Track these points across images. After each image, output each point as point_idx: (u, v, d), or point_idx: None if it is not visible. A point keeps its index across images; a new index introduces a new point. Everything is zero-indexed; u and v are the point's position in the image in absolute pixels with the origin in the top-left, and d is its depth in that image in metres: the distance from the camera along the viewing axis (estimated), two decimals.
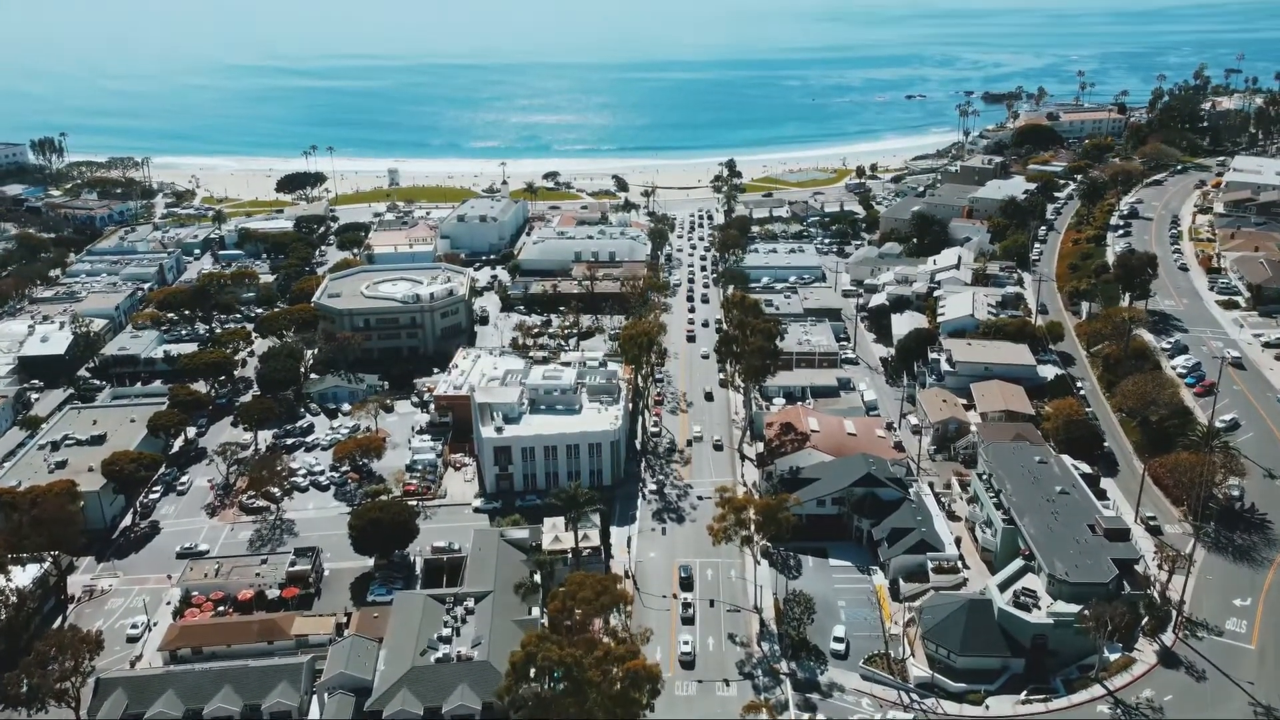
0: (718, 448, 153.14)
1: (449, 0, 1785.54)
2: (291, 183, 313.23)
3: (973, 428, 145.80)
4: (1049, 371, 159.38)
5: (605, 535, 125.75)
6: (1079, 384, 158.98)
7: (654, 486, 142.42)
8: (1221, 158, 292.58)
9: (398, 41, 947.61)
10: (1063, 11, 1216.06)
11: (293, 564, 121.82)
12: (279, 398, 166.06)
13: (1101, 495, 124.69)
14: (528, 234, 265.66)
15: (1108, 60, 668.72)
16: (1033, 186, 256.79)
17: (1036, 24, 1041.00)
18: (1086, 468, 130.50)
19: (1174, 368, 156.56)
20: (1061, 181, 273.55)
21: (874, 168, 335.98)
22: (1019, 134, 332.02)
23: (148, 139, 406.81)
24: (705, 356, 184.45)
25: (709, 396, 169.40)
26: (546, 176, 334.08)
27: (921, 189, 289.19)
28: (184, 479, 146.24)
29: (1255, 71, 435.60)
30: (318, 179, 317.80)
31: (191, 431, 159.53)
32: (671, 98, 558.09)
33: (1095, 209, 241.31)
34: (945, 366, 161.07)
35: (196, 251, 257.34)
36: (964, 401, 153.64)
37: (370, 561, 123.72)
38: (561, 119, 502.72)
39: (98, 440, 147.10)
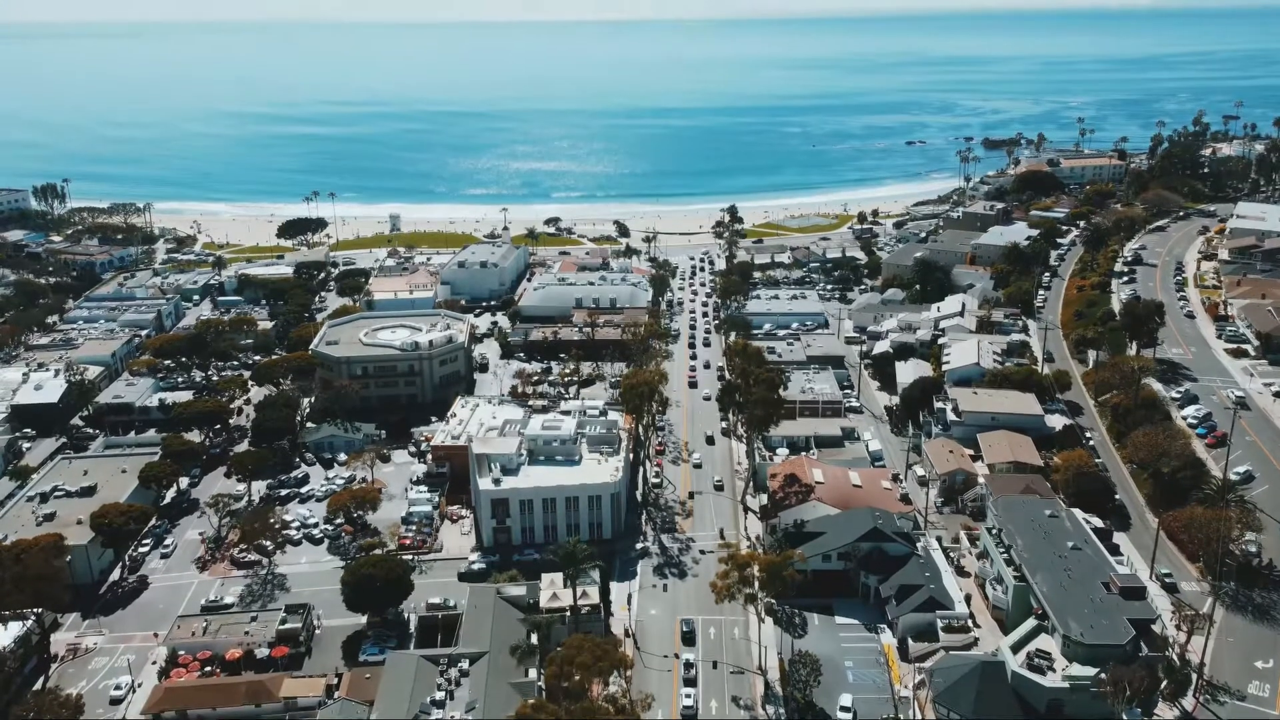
0: (719, 487, 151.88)
1: (450, 49, 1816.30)
2: (293, 228, 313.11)
3: (980, 479, 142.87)
4: (1057, 421, 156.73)
5: (605, 592, 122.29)
6: (1088, 434, 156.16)
7: (655, 540, 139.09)
8: (1224, 204, 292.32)
9: (399, 89, 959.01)
10: (1058, 59, 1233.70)
11: (283, 621, 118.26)
12: (274, 447, 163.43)
13: (1115, 551, 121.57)
14: (529, 280, 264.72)
15: (1105, 107, 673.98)
16: (1035, 233, 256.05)
17: (1032, 71, 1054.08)
18: (1098, 521, 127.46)
19: (1184, 418, 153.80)
20: (1064, 227, 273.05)
21: (875, 213, 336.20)
22: (1020, 180, 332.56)
23: (150, 185, 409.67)
24: (707, 398, 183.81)
25: (710, 440, 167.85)
26: (548, 222, 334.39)
27: (924, 235, 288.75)
28: (169, 541, 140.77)
29: (1253, 118, 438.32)
30: (319, 225, 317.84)
31: (184, 482, 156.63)
32: (672, 144, 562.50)
33: (1099, 255, 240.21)
34: (951, 416, 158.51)
35: (196, 297, 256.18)
36: (971, 452, 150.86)
37: (363, 619, 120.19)
38: (562, 165, 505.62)
39: (88, 491, 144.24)
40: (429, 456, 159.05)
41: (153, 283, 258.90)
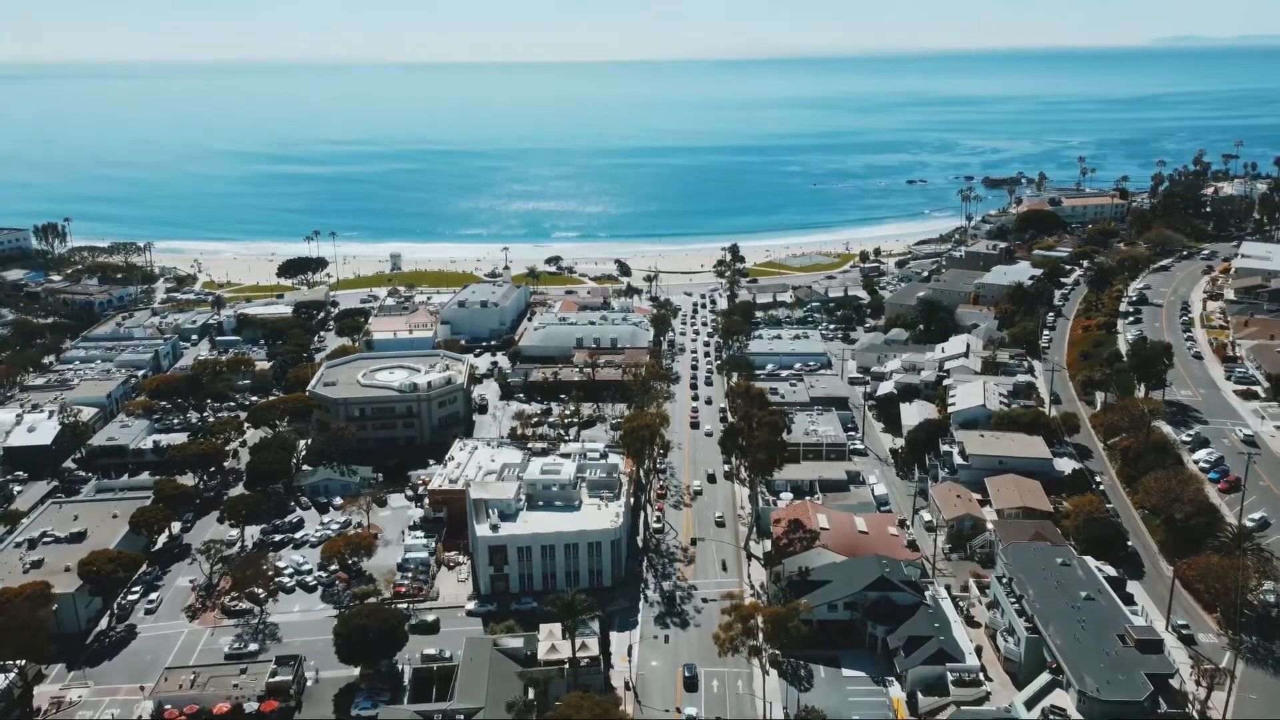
0: (720, 524, 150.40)
1: (453, 90, 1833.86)
2: (293, 268, 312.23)
3: (989, 525, 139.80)
4: (1066, 465, 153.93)
5: (605, 643, 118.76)
6: (1097, 478, 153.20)
7: (656, 588, 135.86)
8: (1227, 243, 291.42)
9: (403, 129, 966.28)
10: (1056, 99, 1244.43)
11: (273, 674, 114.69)
12: (269, 491, 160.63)
13: (1129, 600, 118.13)
14: (529, 319, 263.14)
15: (1104, 146, 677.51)
16: (1039, 272, 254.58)
17: (1031, 110, 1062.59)
18: (1111, 570, 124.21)
19: (1196, 462, 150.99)
20: (1067, 267, 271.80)
21: (877, 252, 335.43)
22: (1022, 219, 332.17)
23: (152, 225, 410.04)
24: (709, 434, 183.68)
25: (711, 478, 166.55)
26: (549, 261, 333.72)
27: (926, 274, 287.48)
28: (154, 597, 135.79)
29: (1252, 157, 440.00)
30: (319, 264, 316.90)
31: (176, 527, 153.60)
32: (673, 183, 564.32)
33: (1103, 295, 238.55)
34: (958, 459, 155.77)
35: (194, 337, 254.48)
36: (978, 497, 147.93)
37: (356, 671, 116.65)
38: (564, 204, 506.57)
39: (77, 538, 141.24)
40: (426, 501, 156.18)
41: (151, 322, 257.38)
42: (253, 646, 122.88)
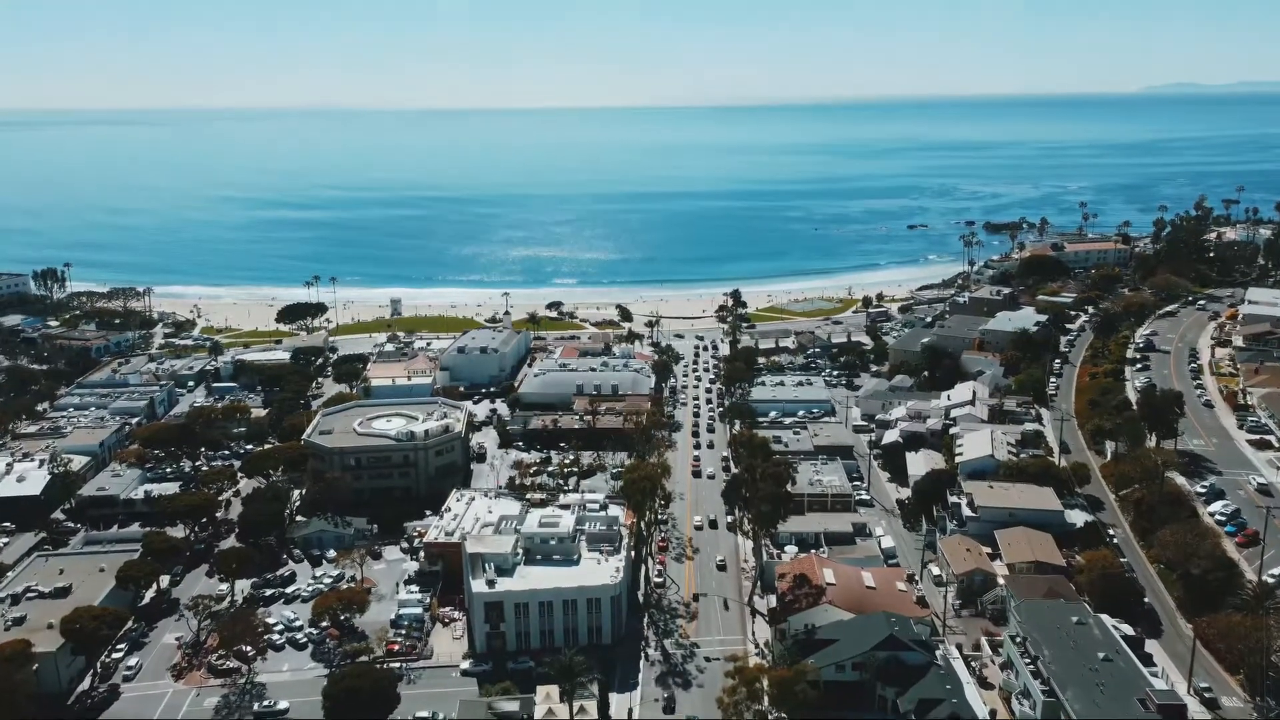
0: (721, 568, 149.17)
1: (455, 136, 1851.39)
2: (292, 313, 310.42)
3: (1000, 580, 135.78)
4: (1078, 517, 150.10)
5: (604, 706, 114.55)
6: (1110, 531, 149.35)
7: (658, 647, 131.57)
8: (1233, 289, 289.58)
9: (404, 174, 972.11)
10: (1054, 144, 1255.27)
11: None
12: (261, 543, 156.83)
13: (1148, 661, 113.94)
14: (529, 365, 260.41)
15: (1104, 191, 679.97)
16: (1043, 318, 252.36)
17: (1029, 156, 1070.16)
18: (1128, 629, 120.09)
19: (1211, 514, 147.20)
20: (1072, 313, 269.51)
21: (880, 297, 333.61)
22: (1025, 265, 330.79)
23: (152, 271, 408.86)
24: (711, 476, 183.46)
25: (713, 524, 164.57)
26: (549, 306, 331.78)
27: (929, 319, 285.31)
28: (132, 662, 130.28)
29: (1252, 202, 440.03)
30: (319, 309, 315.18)
31: (165, 580, 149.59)
32: (675, 228, 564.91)
33: (1110, 342, 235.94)
34: (967, 511, 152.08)
35: (191, 384, 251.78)
36: (988, 550, 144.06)
37: None
38: (565, 249, 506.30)
39: (62, 593, 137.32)
40: (421, 554, 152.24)
41: (147, 369, 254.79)
42: (282, 705, 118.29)
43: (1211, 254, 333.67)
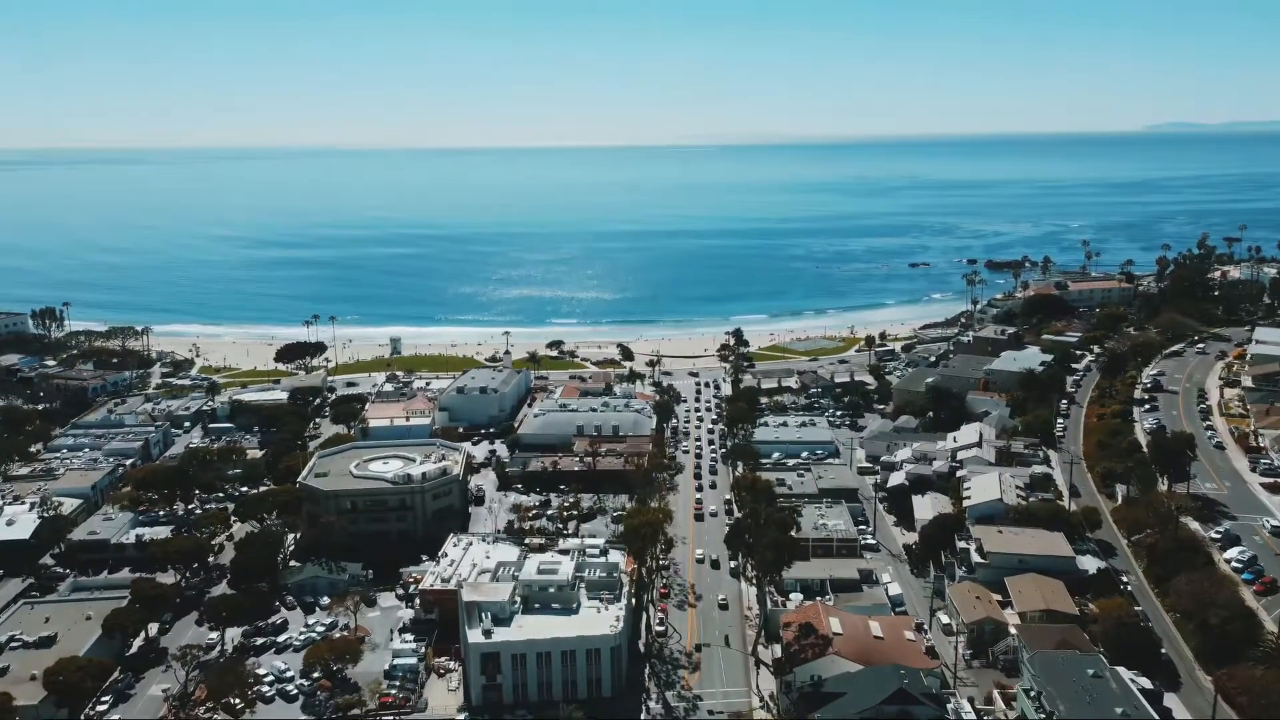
0: (723, 606, 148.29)
1: (457, 174, 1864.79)
2: (291, 352, 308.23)
3: (1012, 629, 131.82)
4: (1090, 564, 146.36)
5: None
6: (1123, 578, 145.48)
7: (659, 700, 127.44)
8: (1238, 328, 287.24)
9: (406, 213, 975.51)
10: (1054, 183, 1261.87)
11: None
12: (252, 590, 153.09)
13: (1167, 716, 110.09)
14: (530, 405, 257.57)
15: (1105, 229, 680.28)
16: (1049, 358, 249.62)
17: (1029, 194, 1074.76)
18: (1146, 681, 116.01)
19: (1228, 561, 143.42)
20: (1078, 352, 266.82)
21: (883, 336, 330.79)
22: (1029, 304, 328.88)
23: (151, 311, 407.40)
24: (714, 514, 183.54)
25: (715, 564, 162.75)
26: (550, 346, 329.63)
27: (933, 358, 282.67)
28: (115, 717, 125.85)
29: (1254, 240, 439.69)
30: (318, 349, 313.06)
31: (154, 628, 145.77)
32: (676, 266, 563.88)
33: (1117, 382, 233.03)
34: (976, 557, 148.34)
35: (187, 424, 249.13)
36: (998, 597, 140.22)
37: None
38: (566, 287, 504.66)
39: (46, 642, 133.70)
40: (417, 601, 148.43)
41: (143, 409, 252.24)
42: None
43: (1217, 293, 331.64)
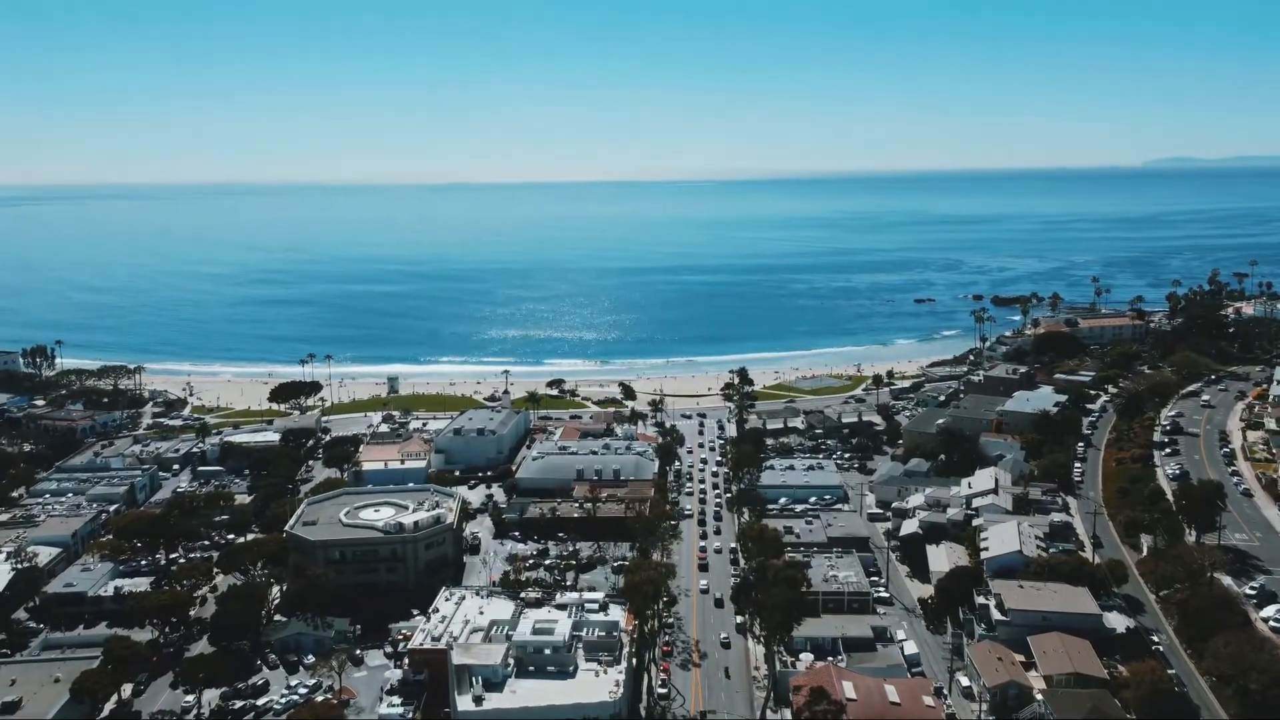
0: (725, 645, 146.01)
1: (458, 210, 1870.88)
2: (285, 392, 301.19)
3: (1037, 695, 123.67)
4: (1118, 621, 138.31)
5: None
6: (1153, 637, 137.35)
7: None
8: (1255, 366, 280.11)
9: (406, 249, 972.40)
10: (1055, 217, 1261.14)
11: None
12: (234, 648, 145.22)
13: None
14: (528, 447, 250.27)
15: (1111, 264, 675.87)
16: (1063, 398, 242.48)
17: (1032, 229, 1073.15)
18: None
19: (1265, 620, 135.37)
20: (1092, 392, 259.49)
21: (890, 374, 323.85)
22: (1040, 341, 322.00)
23: (145, 349, 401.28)
24: (719, 551, 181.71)
25: (719, 603, 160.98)
26: (551, 384, 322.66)
27: (943, 398, 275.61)
28: None
29: (1261, 275, 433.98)
30: (313, 388, 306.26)
31: (128, 689, 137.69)
32: (679, 303, 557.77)
33: (1135, 424, 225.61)
34: (996, 614, 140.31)
35: (176, 467, 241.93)
36: (1021, 658, 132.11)
37: None
38: (567, 324, 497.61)
39: (10, 708, 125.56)
40: (406, 661, 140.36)
41: (131, 451, 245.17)
42: None
43: (1232, 330, 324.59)
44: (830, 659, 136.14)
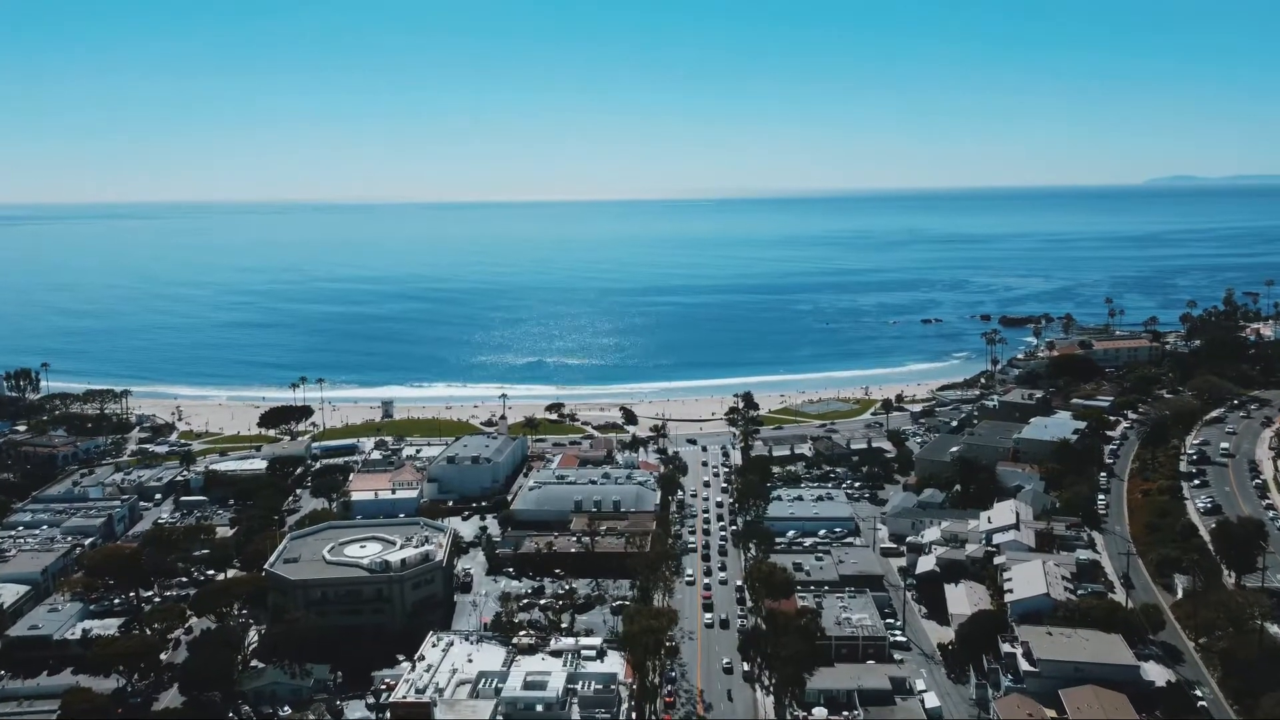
0: (727, 670, 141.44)
1: (458, 230, 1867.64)
2: (276, 417, 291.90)
3: None
4: (1156, 673, 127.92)
5: None
6: (1197, 691, 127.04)
7: None
8: (1277, 390, 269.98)
9: (403, 270, 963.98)
10: (1059, 236, 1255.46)
11: None
12: (204, 700, 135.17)
13: None
14: (525, 474, 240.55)
15: (1119, 284, 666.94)
16: (1082, 425, 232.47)
17: (1037, 248, 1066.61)
18: None
19: None
20: (1112, 418, 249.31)
21: (900, 398, 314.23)
22: (1055, 365, 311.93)
23: (134, 372, 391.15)
24: (724, 583, 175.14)
25: (725, 624, 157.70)
26: (550, 409, 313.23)
27: (956, 423, 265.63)
28: None
29: (1270, 294, 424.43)
30: (304, 412, 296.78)
31: None
32: (682, 324, 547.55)
33: (1159, 452, 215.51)
34: (1024, 664, 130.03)
35: (158, 496, 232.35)
36: (1052, 713, 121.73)
37: None
38: (567, 346, 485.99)
39: None
40: (388, 715, 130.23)
41: (111, 480, 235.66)
42: None
43: (1253, 352, 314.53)
44: (845, 714, 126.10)
